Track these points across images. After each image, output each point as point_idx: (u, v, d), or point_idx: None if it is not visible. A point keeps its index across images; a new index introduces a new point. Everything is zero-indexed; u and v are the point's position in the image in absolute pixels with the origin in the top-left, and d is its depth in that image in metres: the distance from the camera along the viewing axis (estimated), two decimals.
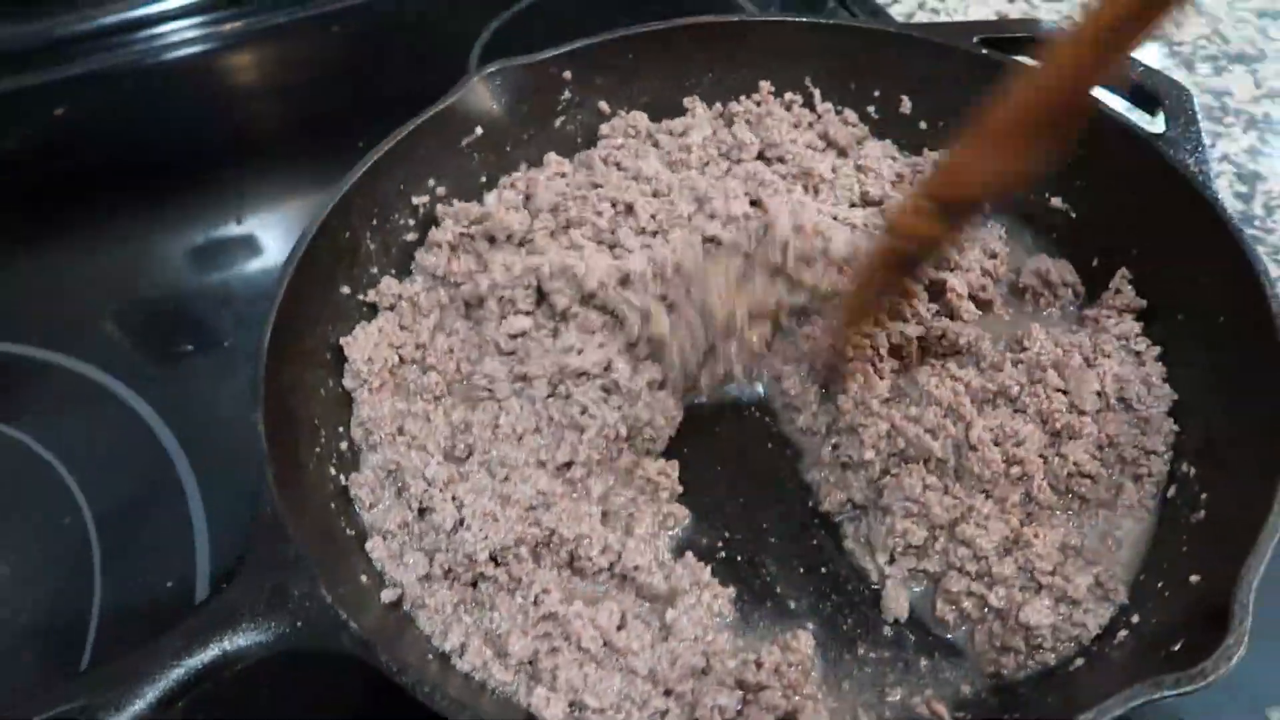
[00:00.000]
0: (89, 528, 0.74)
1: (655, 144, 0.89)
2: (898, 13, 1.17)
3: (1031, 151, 0.56)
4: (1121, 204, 0.78)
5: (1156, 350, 0.73)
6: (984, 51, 0.83)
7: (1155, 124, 0.78)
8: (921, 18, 1.17)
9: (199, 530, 0.73)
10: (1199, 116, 0.77)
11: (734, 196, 0.80)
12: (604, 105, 0.90)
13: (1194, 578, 0.57)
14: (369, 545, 0.64)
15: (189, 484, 0.76)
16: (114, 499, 0.76)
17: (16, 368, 0.85)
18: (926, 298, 0.77)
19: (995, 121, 0.55)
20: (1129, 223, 0.77)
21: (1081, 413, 0.69)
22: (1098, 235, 0.80)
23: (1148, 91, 0.79)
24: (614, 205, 0.83)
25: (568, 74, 0.88)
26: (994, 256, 0.81)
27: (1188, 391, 0.70)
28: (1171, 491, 0.66)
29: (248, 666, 0.53)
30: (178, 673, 0.52)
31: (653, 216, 0.82)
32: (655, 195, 0.84)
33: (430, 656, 0.60)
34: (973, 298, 0.78)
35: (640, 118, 0.90)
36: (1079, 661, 0.58)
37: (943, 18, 1.16)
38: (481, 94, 0.85)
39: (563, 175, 0.86)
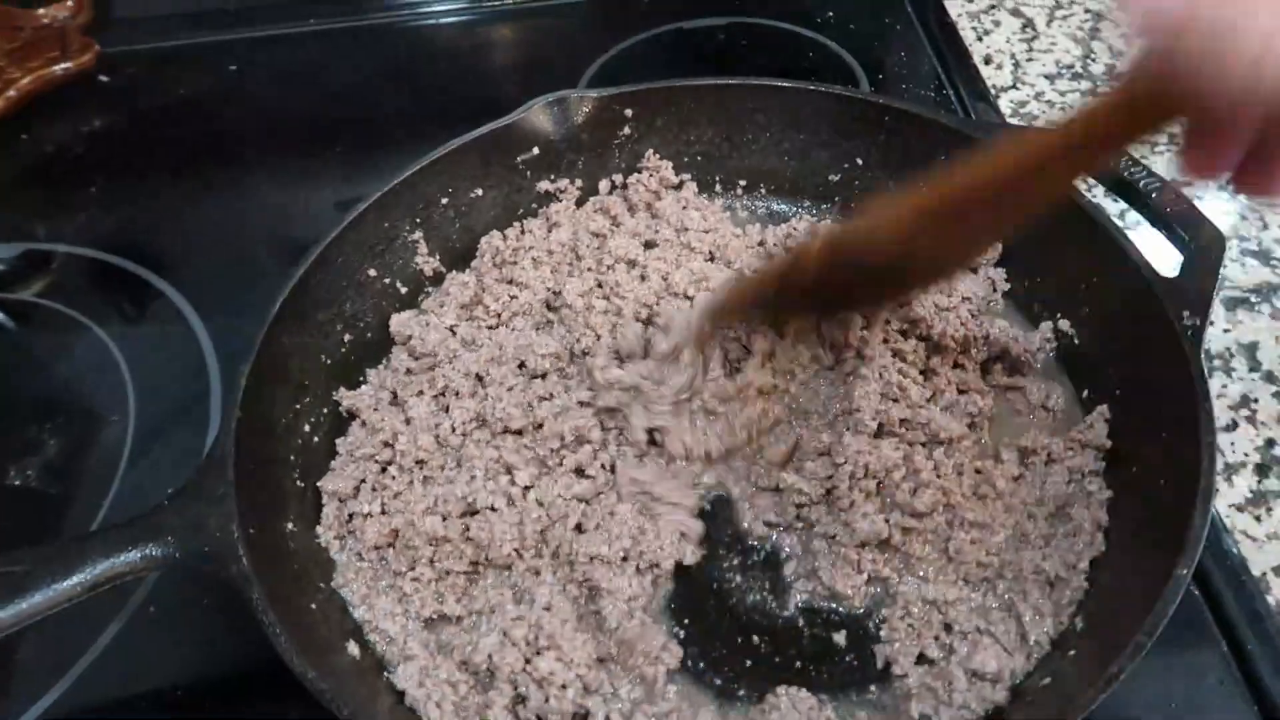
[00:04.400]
0: (130, 419, 0.88)
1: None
2: (1011, 100, 1.15)
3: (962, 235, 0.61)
4: (1117, 343, 0.76)
5: (1107, 494, 0.71)
6: None
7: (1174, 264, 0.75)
8: (1035, 109, 1.14)
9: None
10: (1221, 272, 0.73)
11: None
12: (651, 151, 0.96)
13: None
14: (323, 509, 0.74)
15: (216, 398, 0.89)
16: (158, 401, 0.89)
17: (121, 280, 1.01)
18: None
19: (941, 192, 0.58)
20: (1119, 364, 0.76)
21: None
22: (1092, 367, 0.78)
23: (1175, 226, 0.76)
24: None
25: (629, 111, 0.94)
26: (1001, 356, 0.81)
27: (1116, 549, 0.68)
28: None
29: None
30: (105, 564, 0.62)
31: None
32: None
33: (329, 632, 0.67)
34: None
35: (667, 172, 0.96)
36: None
37: (1054, 112, 1.13)
38: (542, 118, 0.92)
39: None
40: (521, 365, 0.80)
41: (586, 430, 0.75)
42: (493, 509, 0.71)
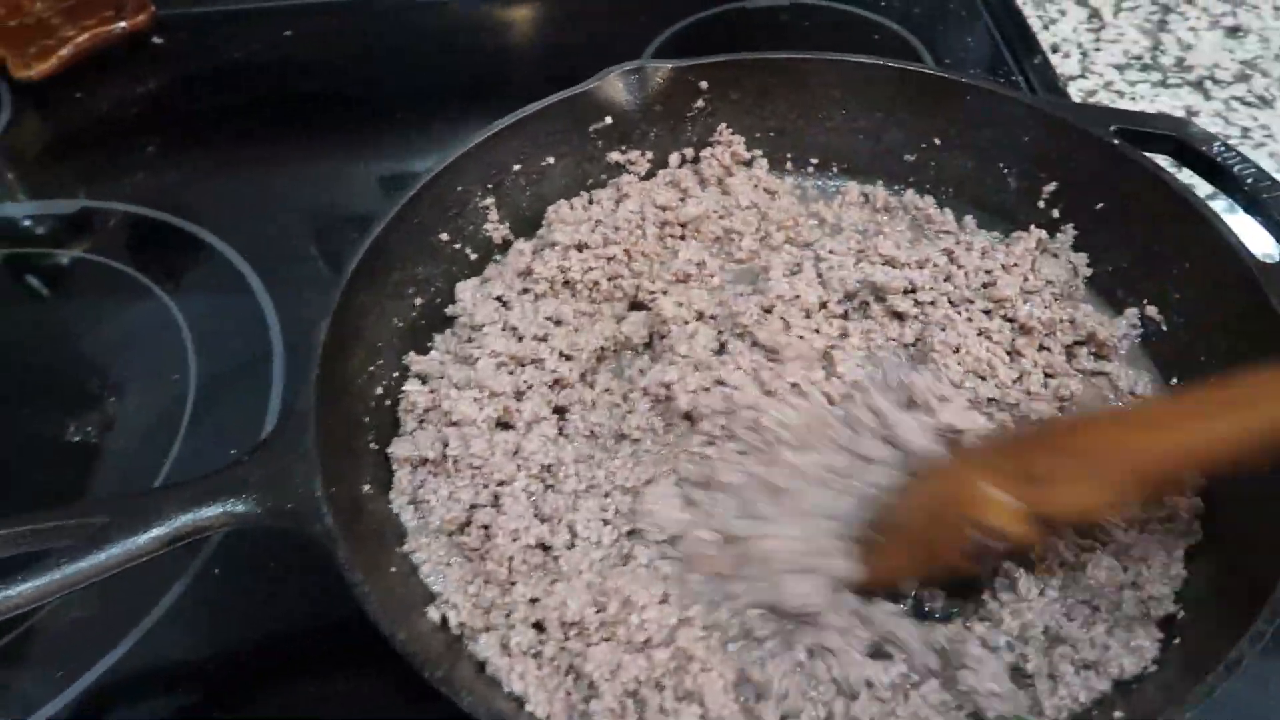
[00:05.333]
0: (191, 378, 0.87)
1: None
2: (1079, 89, 1.13)
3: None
4: (1208, 329, 0.74)
5: (1200, 481, 0.69)
6: (1115, 143, 0.81)
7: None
8: (1104, 98, 1.12)
9: (273, 408, 0.84)
10: None
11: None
12: (724, 125, 0.94)
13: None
14: (395, 475, 0.72)
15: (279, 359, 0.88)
16: (218, 360, 0.88)
17: (179, 239, 1.00)
18: None
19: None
20: (1210, 350, 0.74)
21: None
22: (1180, 353, 0.76)
23: (1273, 211, 0.74)
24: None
25: (704, 84, 0.92)
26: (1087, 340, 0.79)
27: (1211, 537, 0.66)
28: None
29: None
30: (185, 518, 0.60)
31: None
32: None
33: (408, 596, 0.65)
34: None
35: (739, 148, 0.94)
36: None
37: (1124, 102, 1.11)
38: (617, 87, 0.90)
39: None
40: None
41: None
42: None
